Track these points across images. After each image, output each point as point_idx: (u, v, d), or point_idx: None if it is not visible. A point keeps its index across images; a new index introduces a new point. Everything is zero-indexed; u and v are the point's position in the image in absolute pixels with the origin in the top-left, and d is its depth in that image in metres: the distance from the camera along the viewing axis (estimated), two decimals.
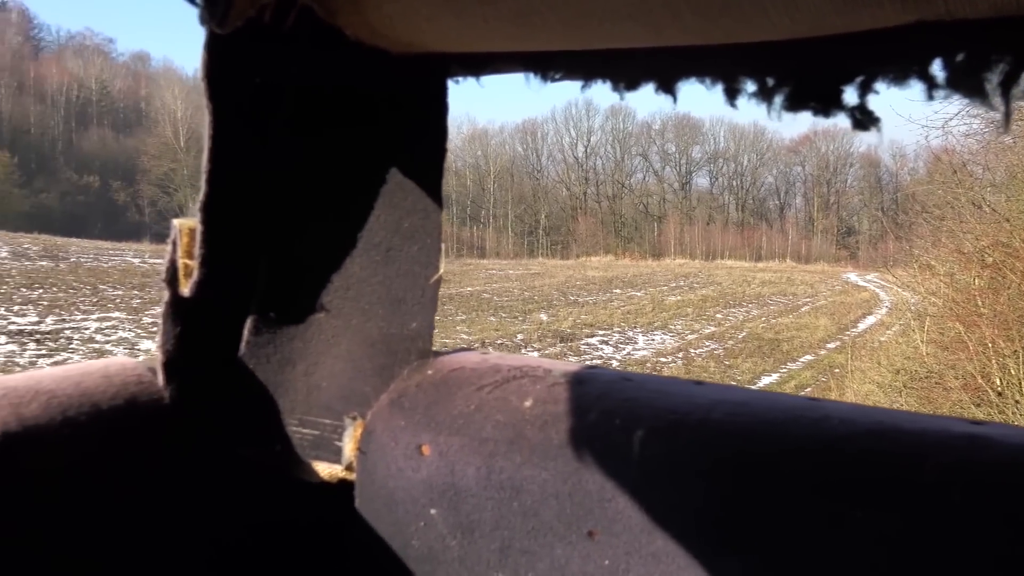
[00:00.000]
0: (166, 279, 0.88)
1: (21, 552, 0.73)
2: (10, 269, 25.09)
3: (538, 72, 0.88)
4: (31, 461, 0.76)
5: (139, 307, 18.47)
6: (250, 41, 0.82)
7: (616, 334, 18.90)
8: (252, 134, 0.90)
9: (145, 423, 0.87)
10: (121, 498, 0.82)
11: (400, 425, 0.90)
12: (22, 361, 11.62)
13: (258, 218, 0.93)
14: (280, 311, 0.96)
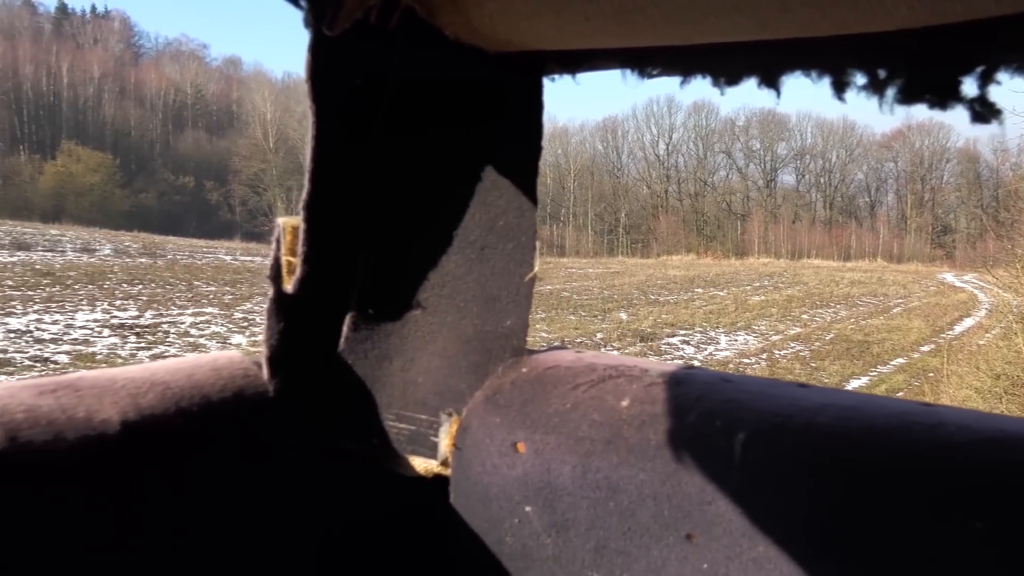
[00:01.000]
0: (270, 276, 0.89)
1: (140, 537, 0.75)
2: (112, 265, 26.39)
3: (635, 69, 0.88)
4: (148, 449, 0.78)
5: (231, 303, 19.15)
6: (352, 42, 0.83)
7: (698, 334, 18.61)
8: (353, 134, 0.91)
9: (252, 415, 0.88)
10: (229, 488, 0.84)
11: (495, 422, 0.90)
12: (123, 353, 12.20)
13: (358, 216, 0.94)
14: (378, 308, 0.97)
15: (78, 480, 0.71)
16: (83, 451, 0.72)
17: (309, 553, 0.91)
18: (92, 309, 16.69)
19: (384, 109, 0.93)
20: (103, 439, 0.74)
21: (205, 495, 0.81)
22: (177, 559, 0.78)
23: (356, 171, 0.92)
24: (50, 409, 0.73)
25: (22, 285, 19.72)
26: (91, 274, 23.21)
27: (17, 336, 13.06)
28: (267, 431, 0.89)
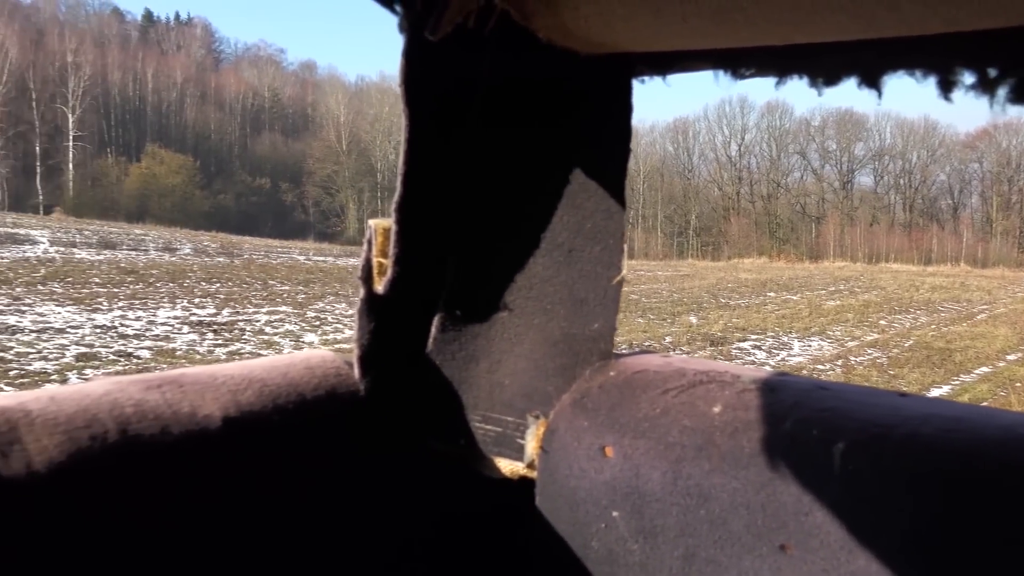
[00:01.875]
0: (361, 277, 0.90)
1: (238, 530, 0.76)
2: (192, 264, 27.28)
3: (729, 69, 0.87)
4: (247, 444, 0.79)
5: (303, 302, 19.57)
6: (446, 47, 0.82)
7: (769, 339, 18.20)
8: (445, 137, 0.91)
9: (344, 413, 0.89)
10: (322, 483, 0.85)
11: (583, 426, 0.89)
12: (201, 349, 12.59)
13: (448, 219, 0.95)
14: (465, 309, 0.98)
15: (183, 473, 0.73)
16: (187, 445, 0.74)
17: (395, 549, 0.92)
18: (173, 306, 17.27)
19: (475, 112, 0.93)
20: (205, 434, 0.76)
21: (299, 490, 0.82)
22: (271, 552, 0.79)
23: (447, 174, 0.92)
24: (156, 404, 0.75)
25: (108, 282, 20.54)
26: (172, 272, 24.03)
27: (103, 331, 13.60)
28: (358, 429, 0.90)
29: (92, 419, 0.69)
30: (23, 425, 0.66)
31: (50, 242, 30.06)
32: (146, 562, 0.69)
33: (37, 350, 11.56)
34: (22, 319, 14.18)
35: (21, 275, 20.35)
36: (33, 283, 19.16)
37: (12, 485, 0.63)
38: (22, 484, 0.63)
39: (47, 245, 29.07)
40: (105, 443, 0.69)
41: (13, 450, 0.64)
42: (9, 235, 30.45)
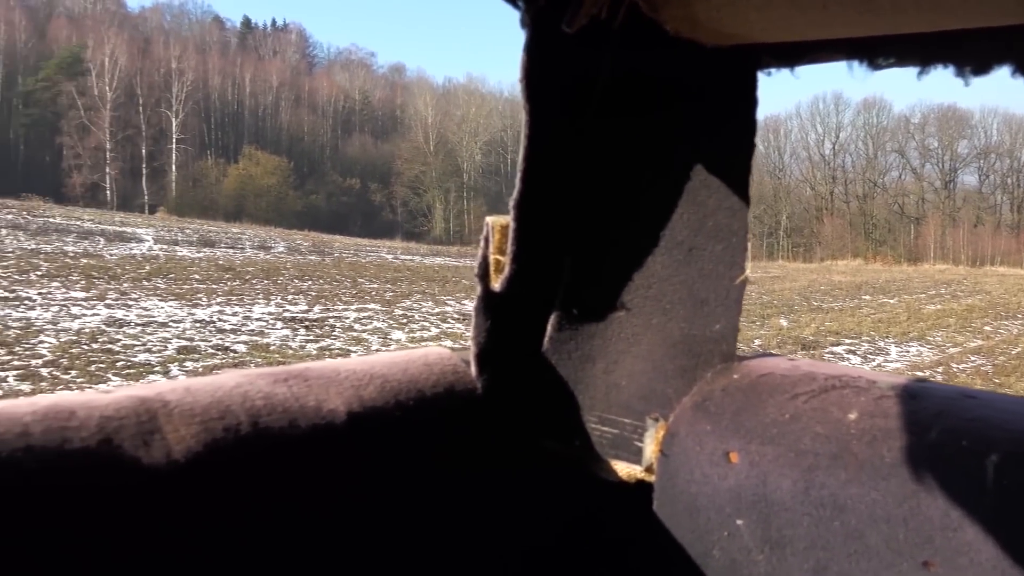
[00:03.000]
0: (478, 274, 0.89)
1: (359, 524, 0.77)
2: (285, 262, 28.15)
3: (864, 59, 0.84)
4: (370, 439, 0.80)
5: (391, 300, 19.95)
6: (567, 41, 0.82)
7: (865, 343, 17.56)
8: (565, 134, 0.90)
9: (461, 410, 0.89)
10: (440, 480, 0.84)
11: (706, 430, 0.87)
12: (293, 345, 12.98)
13: (566, 216, 0.94)
14: (582, 308, 0.96)
15: (309, 466, 0.74)
16: (313, 438, 0.75)
17: (507, 549, 0.91)
18: (267, 303, 17.87)
19: (595, 107, 0.91)
20: (331, 428, 0.77)
21: (417, 487, 0.82)
22: (391, 550, 0.80)
23: (566, 171, 0.91)
24: (284, 397, 0.76)
25: (207, 279, 21.40)
26: (267, 270, 24.86)
27: (202, 326, 14.17)
28: (475, 427, 0.90)
29: (225, 411, 0.71)
30: (162, 415, 0.68)
31: (154, 240, 31.53)
32: (272, 554, 0.70)
33: (142, 343, 12.14)
34: (128, 313, 14.92)
35: (128, 271, 21.41)
36: (139, 279, 20.13)
37: (153, 473, 0.64)
38: (162, 472, 0.65)
39: (152, 243, 30.50)
40: (238, 434, 0.70)
41: (154, 439, 0.66)
42: (117, 233, 32.08)
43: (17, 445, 0.59)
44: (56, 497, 0.60)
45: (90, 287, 17.99)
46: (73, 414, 0.64)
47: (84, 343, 11.75)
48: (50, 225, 31.70)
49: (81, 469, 0.62)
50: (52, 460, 0.60)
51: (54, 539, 0.59)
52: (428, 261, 35.80)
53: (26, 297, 15.86)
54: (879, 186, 72.57)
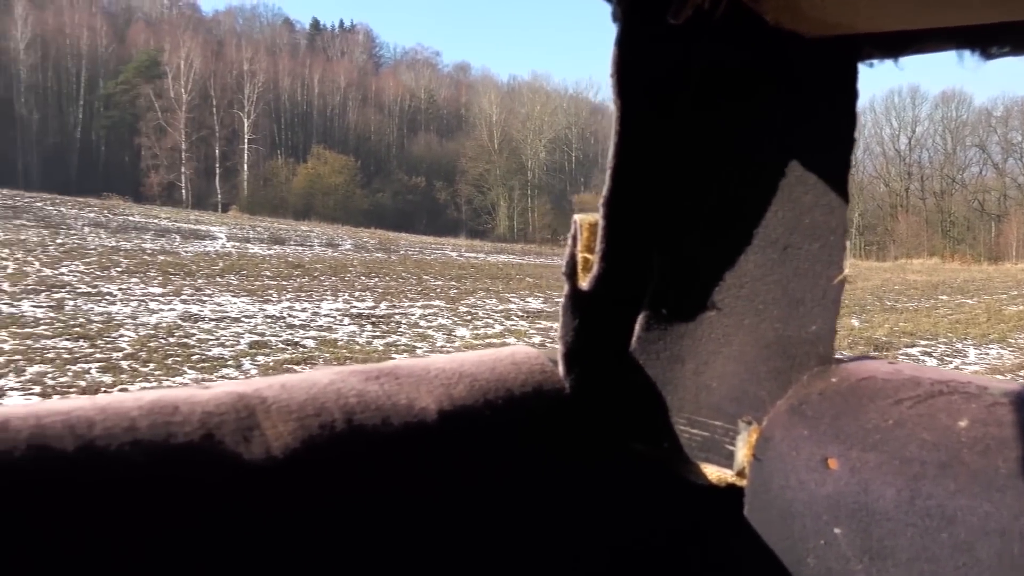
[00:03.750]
0: (566, 272, 0.88)
1: (448, 523, 0.77)
2: (352, 260, 28.63)
3: (976, 48, 0.81)
4: (461, 438, 0.80)
5: (456, 297, 20.09)
6: (661, 34, 0.81)
7: (941, 345, 16.97)
8: (656, 129, 0.88)
9: (550, 410, 0.88)
10: (529, 480, 0.84)
11: (802, 434, 0.84)
12: (360, 341, 13.19)
13: (657, 214, 0.92)
14: (671, 308, 0.94)
15: (402, 464, 0.74)
16: (406, 436, 0.75)
17: (593, 550, 0.90)
18: (335, 299, 18.20)
19: (688, 102, 0.89)
20: (422, 426, 0.76)
21: (506, 487, 0.82)
22: (479, 546, 0.79)
23: (658, 167, 0.90)
24: (377, 395, 0.76)
25: (277, 275, 21.90)
26: (334, 267, 25.32)
27: (273, 321, 14.51)
28: (563, 427, 0.88)
29: (321, 408, 0.71)
30: (260, 411, 0.69)
31: (227, 238, 32.42)
32: (366, 551, 0.70)
33: (216, 337, 12.49)
34: (203, 308, 15.37)
35: (202, 268, 22.06)
36: (213, 275, 20.73)
37: (253, 468, 0.65)
38: (261, 468, 0.65)
39: (224, 240, 31.37)
40: (333, 431, 0.70)
41: (253, 435, 0.66)
42: (192, 231, 33.09)
43: (125, 439, 0.61)
44: (161, 490, 0.61)
45: (167, 283, 18.59)
46: (176, 409, 0.65)
47: (161, 337, 12.16)
48: (129, 223, 32.89)
49: (185, 463, 0.63)
50: (158, 454, 0.62)
51: (160, 531, 0.60)
52: (492, 259, 35.95)
53: (107, 292, 16.48)
54: (958, 182, 69.96)
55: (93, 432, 0.60)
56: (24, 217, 30.04)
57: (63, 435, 0.59)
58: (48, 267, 19.28)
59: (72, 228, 28.81)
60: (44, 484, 0.56)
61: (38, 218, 30.32)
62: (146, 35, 77.43)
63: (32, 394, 8.63)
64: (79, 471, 0.58)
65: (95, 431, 0.60)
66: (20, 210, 31.80)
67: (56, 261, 20.41)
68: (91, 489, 0.58)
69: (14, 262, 19.51)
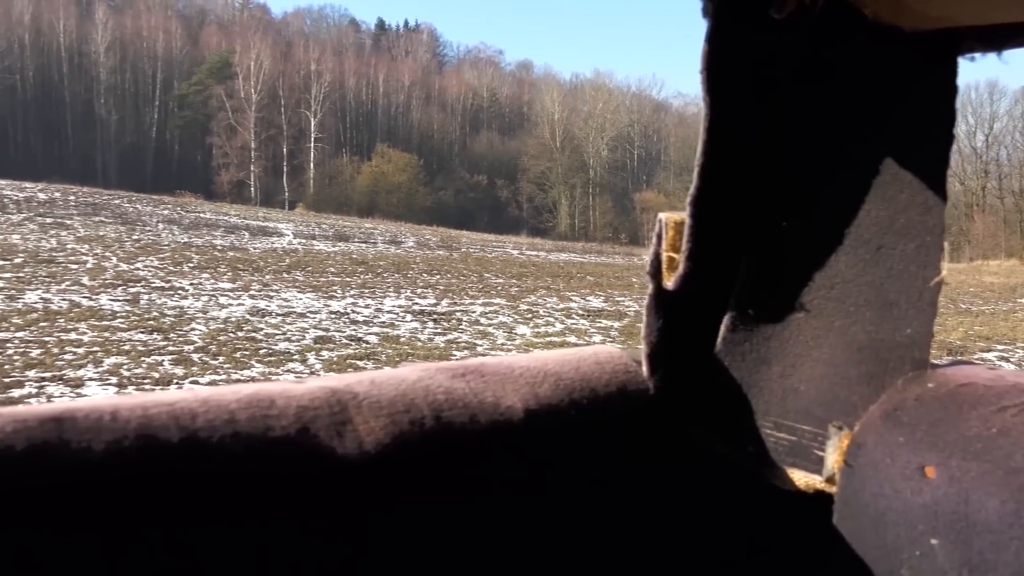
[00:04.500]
0: (650, 272, 0.87)
1: (533, 524, 0.77)
2: (415, 257, 28.96)
3: None
4: (546, 437, 0.80)
5: (516, 295, 20.16)
6: (752, 29, 0.79)
7: (1019, 350, 16.33)
8: (746, 126, 0.87)
9: (634, 411, 0.87)
10: (613, 481, 0.84)
11: (897, 441, 0.82)
12: (422, 337, 13.35)
13: (745, 213, 0.91)
14: (758, 308, 0.93)
15: (489, 462, 0.74)
16: (493, 434, 0.74)
17: (676, 554, 0.89)
18: (397, 296, 18.44)
19: (780, 99, 0.88)
20: (509, 424, 0.76)
21: (591, 486, 0.81)
22: (562, 547, 0.79)
23: (747, 165, 0.88)
24: (464, 392, 0.76)
25: (342, 272, 22.30)
26: (397, 264, 25.65)
27: (337, 317, 14.79)
28: (647, 428, 0.88)
29: (410, 404, 0.72)
30: (352, 406, 0.69)
31: (294, 235, 33.12)
32: (454, 548, 0.70)
33: (282, 332, 12.80)
34: (270, 304, 15.76)
35: (270, 264, 22.59)
36: (279, 271, 21.22)
37: (346, 463, 0.66)
38: (354, 463, 0.66)
39: (291, 237, 32.07)
40: (423, 428, 0.70)
41: (346, 430, 0.67)
42: (261, 228, 33.91)
43: (226, 431, 0.62)
44: (260, 483, 0.62)
45: (236, 278, 19.11)
46: (273, 403, 0.66)
47: (230, 331, 12.51)
48: (201, 220, 33.89)
49: (282, 457, 0.63)
50: (257, 447, 0.63)
51: (259, 524, 0.60)
52: (553, 257, 35.94)
53: (180, 287, 17.02)
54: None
55: (196, 424, 0.61)
56: (103, 214, 31.24)
57: (168, 426, 0.60)
58: (125, 262, 20.02)
59: (147, 225, 29.83)
60: (152, 475, 0.56)
61: (116, 215, 31.49)
62: (218, 37, 79.63)
63: (109, 384, 8.98)
64: (184, 462, 0.58)
65: (198, 423, 0.61)
66: (99, 207, 33.08)
67: (132, 257, 21.17)
68: (195, 480, 0.58)
69: (93, 257, 20.31)
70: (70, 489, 0.53)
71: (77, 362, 9.90)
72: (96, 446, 0.55)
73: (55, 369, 9.46)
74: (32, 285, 15.54)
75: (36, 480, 0.52)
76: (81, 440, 0.55)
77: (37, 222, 26.56)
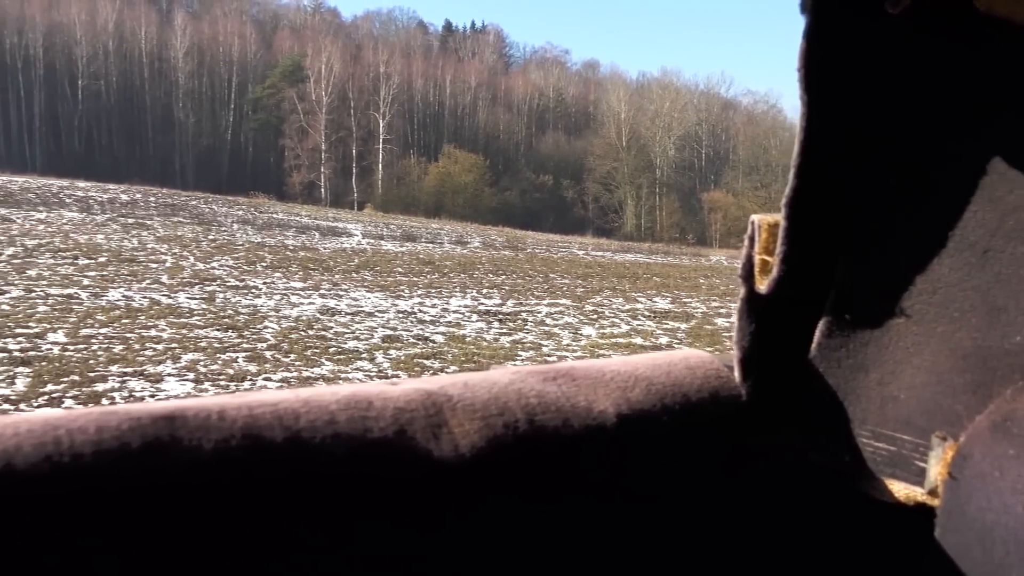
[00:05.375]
0: (742, 275, 0.86)
1: (624, 531, 0.76)
2: (481, 257, 29.14)
3: None
4: (639, 443, 0.79)
5: (582, 295, 20.11)
6: (854, 25, 0.78)
7: None
8: (845, 127, 0.85)
9: (727, 418, 0.86)
10: (706, 489, 0.83)
11: (1007, 454, 0.78)
12: (488, 337, 13.43)
13: (843, 215, 0.88)
14: (856, 313, 0.90)
15: (582, 467, 0.73)
16: (586, 438, 0.74)
17: (770, 565, 0.88)
18: (463, 296, 18.58)
19: (880, 97, 0.85)
20: (602, 429, 0.75)
21: (684, 493, 0.80)
22: (651, 558, 0.78)
23: (846, 166, 0.86)
24: (556, 396, 0.75)
25: (409, 272, 22.59)
26: (463, 264, 25.85)
27: (404, 316, 14.99)
28: (741, 435, 0.87)
29: (503, 407, 0.71)
30: (447, 409, 0.69)
31: (362, 235, 33.70)
32: (542, 555, 0.70)
33: (351, 331, 13.04)
34: (339, 303, 16.06)
35: (339, 263, 23.03)
36: (348, 271, 21.61)
37: (442, 466, 0.66)
38: (450, 466, 0.66)
39: (360, 237, 32.63)
40: (516, 431, 0.70)
41: (442, 432, 0.67)
42: (331, 228, 34.59)
43: (327, 432, 0.62)
44: (360, 484, 0.62)
45: (307, 278, 19.54)
46: (371, 404, 0.67)
47: (301, 329, 12.80)
48: (273, 220, 34.75)
49: (381, 459, 0.64)
50: (357, 448, 0.63)
51: (360, 527, 0.61)
52: (619, 257, 35.74)
53: (253, 286, 17.48)
54: None
55: (299, 424, 0.61)
56: (181, 214, 32.32)
57: (273, 425, 0.60)
58: (201, 261, 20.67)
59: (223, 225, 30.74)
60: (258, 476, 0.57)
61: (193, 215, 32.54)
62: (291, 41, 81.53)
63: (187, 380, 9.30)
64: (288, 462, 0.59)
65: (300, 423, 0.61)
66: (177, 208, 34.24)
67: (208, 256, 21.85)
68: (299, 481, 0.59)
69: (172, 256, 21.03)
70: (183, 488, 0.54)
71: (156, 358, 10.27)
72: (206, 445, 0.56)
73: (136, 364, 9.83)
74: (115, 283, 16.17)
75: (152, 478, 0.53)
76: (192, 439, 0.56)
77: (120, 222, 27.64)
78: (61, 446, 0.52)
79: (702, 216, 70.30)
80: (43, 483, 0.50)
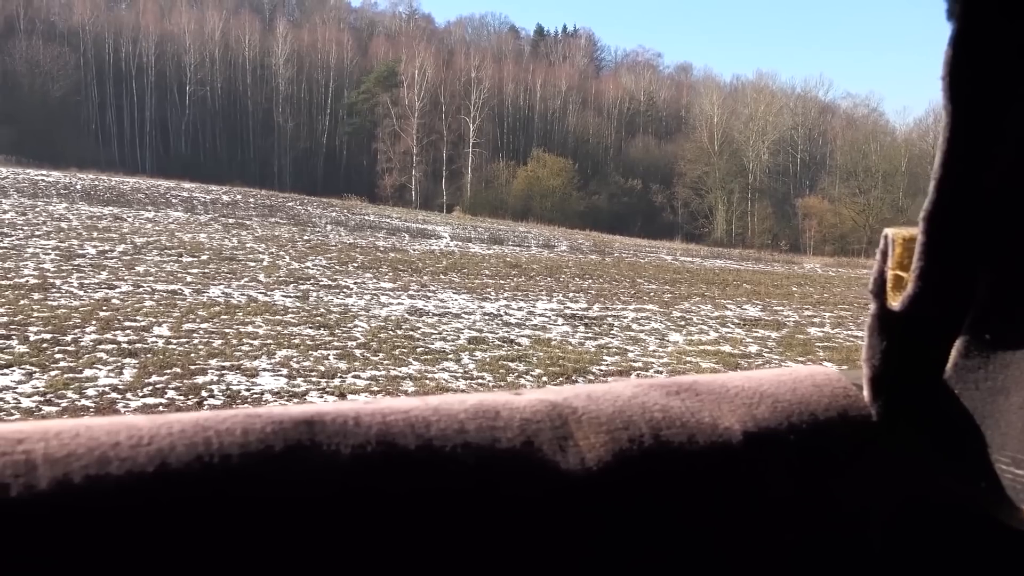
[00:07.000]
0: (873, 291, 0.83)
1: (743, 552, 0.74)
2: (567, 261, 29.11)
3: None
4: (766, 462, 0.77)
5: (669, 301, 19.83)
6: (1003, 34, 0.75)
7: None
8: (991, 138, 0.81)
9: (856, 439, 0.84)
10: (830, 514, 0.80)
11: None
12: (573, 341, 13.39)
13: (985, 229, 0.85)
14: (996, 333, 0.85)
15: (709, 484, 0.72)
16: (711, 455, 0.73)
17: None
18: (549, 299, 18.59)
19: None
20: (728, 447, 0.74)
21: (812, 517, 0.78)
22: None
23: (991, 180, 0.82)
24: (680, 411, 0.75)
25: (496, 274, 22.75)
26: (550, 268, 25.87)
27: (490, 318, 15.10)
28: (871, 458, 0.84)
29: (628, 421, 0.71)
30: (572, 421, 0.69)
31: (451, 237, 34.15)
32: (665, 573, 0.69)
33: (438, 331, 13.21)
34: (427, 304, 16.31)
35: (428, 265, 23.40)
36: (437, 273, 21.92)
37: (570, 480, 0.66)
38: (577, 480, 0.66)
39: (448, 240, 33.07)
40: (642, 446, 0.69)
41: (568, 445, 0.67)
42: (420, 230, 35.20)
43: (457, 441, 0.63)
44: (489, 496, 0.62)
45: (396, 279, 19.92)
46: (498, 414, 0.66)
47: (390, 329, 13.05)
48: (365, 222, 35.59)
49: (508, 470, 0.64)
50: (486, 459, 0.63)
51: (489, 541, 0.61)
52: (708, 263, 35.10)
53: (345, 285, 17.94)
54: None
55: (430, 432, 0.62)
56: (278, 215, 33.45)
57: (406, 433, 0.61)
58: (296, 261, 21.34)
59: (317, 226, 31.68)
60: (393, 483, 0.58)
61: (289, 216, 33.63)
62: (385, 47, 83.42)
63: (280, 375, 9.62)
64: (421, 471, 0.60)
65: (431, 431, 0.62)
66: (275, 209, 35.45)
67: (303, 256, 22.54)
68: (432, 491, 0.60)
69: (269, 256, 21.79)
70: (322, 492, 0.55)
71: (252, 353, 10.65)
72: (344, 450, 0.58)
73: (233, 359, 10.23)
74: (215, 280, 16.87)
75: (294, 480, 0.54)
76: (330, 444, 0.58)
77: (221, 222, 28.83)
78: (211, 447, 0.54)
79: (796, 222, 68.37)
80: (195, 484, 0.52)
